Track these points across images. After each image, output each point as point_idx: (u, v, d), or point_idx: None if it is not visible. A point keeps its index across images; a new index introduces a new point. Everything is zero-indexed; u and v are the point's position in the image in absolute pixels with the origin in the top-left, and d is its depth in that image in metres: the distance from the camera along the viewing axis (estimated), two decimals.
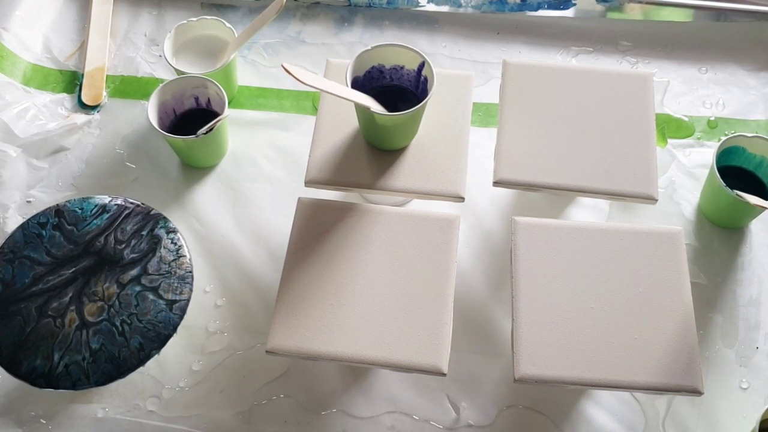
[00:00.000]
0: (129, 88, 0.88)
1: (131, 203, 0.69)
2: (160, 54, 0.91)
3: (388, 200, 0.76)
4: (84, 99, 0.87)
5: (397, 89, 0.69)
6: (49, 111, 0.86)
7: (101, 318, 0.63)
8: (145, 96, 0.87)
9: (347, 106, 0.70)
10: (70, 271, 0.65)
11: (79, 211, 0.69)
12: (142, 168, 0.82)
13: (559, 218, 0.77)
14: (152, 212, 0.69)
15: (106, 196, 0.70)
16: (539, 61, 0.88)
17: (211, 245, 0.77)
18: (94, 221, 0.68)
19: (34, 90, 0.87)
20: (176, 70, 0.81)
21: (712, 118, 0.85)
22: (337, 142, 0.69)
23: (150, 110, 0.76)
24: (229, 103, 0.82)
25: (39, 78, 0.89)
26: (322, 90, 0.60)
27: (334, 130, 0.69)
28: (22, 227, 0.68)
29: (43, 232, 0.67)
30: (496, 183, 0.68)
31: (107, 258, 0.66)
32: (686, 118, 0.85)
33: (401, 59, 0.67)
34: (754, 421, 0.62)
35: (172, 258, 0.66)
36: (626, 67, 0.89)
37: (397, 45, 0.66)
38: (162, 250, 0.67)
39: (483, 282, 0.75)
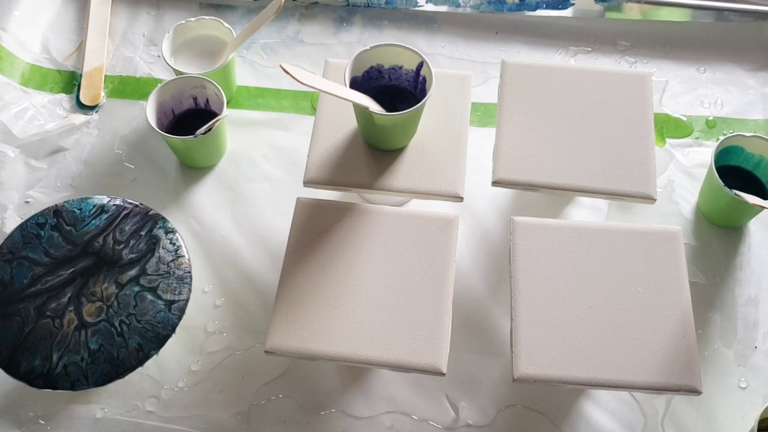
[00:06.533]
0: (127, 88, 0.88)
1: (130, 203, 0.69)
2: (158, 54, 0.91)
3: (387, 200, 0.76)
4: (82, 99, 0.87)
5: (396, 89, 0.69)
6: (47, 111, 0.86)
7: (100, 318, 0.63)
8: (144, 96, 0.87)
9: (346, 106, 0.70)
10: (69, 272, 0.65)
11: (78, 212, 0.69)
12: (141, 168, 0.82)
13: (557, 218, 0.77)
14: (151, 212, 0.69)
15: (105, 197, 0.70)
16: (538, 60, 0.88)
17: (209, 245, 0.77)
18: (93, 221, 0.68)
19: (32, 90, 0.87)
20: (175, 70, 0.81)
21: (711, 118, 0.85)
22: (336, 142, 0.69)
23: (148, 110, 0.76)
24: (227, 103, 0.82)
25: (37, 78, 0.89)
26: (320, 90, 0.60)
27: (332, 130, 0.69)
28: (21, 228, 0.68)
29: (42, 233, 0.67)
30: (495, 183, 0.68)
31: (106, 258, 0.66)
32: (685, 118, 0.85)
33: (400, 59, 0.67)
34: (753, 420, 0.63)
35: (171, 258, 0.66)
36: (625, 67, 0.89)
37: (395, 45, 0.66)
38: (161, 250, 0.67)
39: (482, 282, 0.75)
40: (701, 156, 0.82)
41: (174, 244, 0.67)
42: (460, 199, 0.66)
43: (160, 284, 0.65)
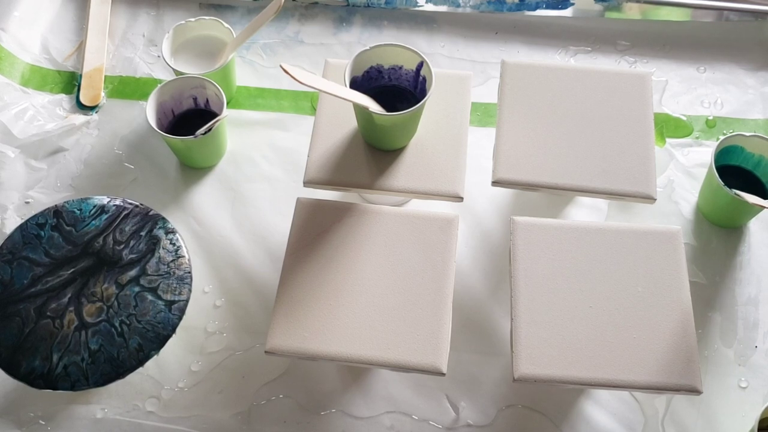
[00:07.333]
0: (127, 88, 0.88)
1: (130, 204, 0.69)
2: (158, 54, 0.91)
3: (387, 200, 0.76)
4: (82, 99, 0.87)
5: (396, 89, 0.69)
6: (47, 112, 0.86)
7: (100, 319, 0.63)
8: (144, 96, 0.87)
9: (346, 107, 0.70)
10: (69, 272, 0.65)
11: (78, 212, 0.69)
12: (141, 168, 0.82)
13: (557, 218, 0.77)
14: (151, 213, 0.69)
15: (105, 197, 0.70)
16: (538, 60, 0.88)
17: (209, 246, 0.77)
18: (93, 222, 0.68)
19: (32, 91, 0.87)
20: (174, 70, 0.81)
21: (711, 118, 0.85)
22: (336, 142, 0.69)
23: (148, 111, 0.76)
24: (227, 103, 0.82)
25: (37, 78, 0.89)
26: (320, 90, 0.60)
27: (332, 130, 0.69)
28: (21, 228, 0.68)
29: (42, 233, 0.67)
30: (495, 183, 0.68)
31: (106, 259, 0.66)
32: (684, 118, 0.85)
33: (400, 59, 0.67)
34: (753, 419, 0.63)
35: (171, 258, 0.66)
36: (624, 67, 0.89)
37: (395, 45, 0.66)
38: (161, 250, 0.67)
39: (482, 282, 0.75)
40: (701, 156, 0.82)
41: (174, 245, 0.67)
42: (460, 199, 0.66)
43: (160, 284, 0.65)
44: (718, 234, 0.77)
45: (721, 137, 0.75)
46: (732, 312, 0.72)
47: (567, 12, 0.92)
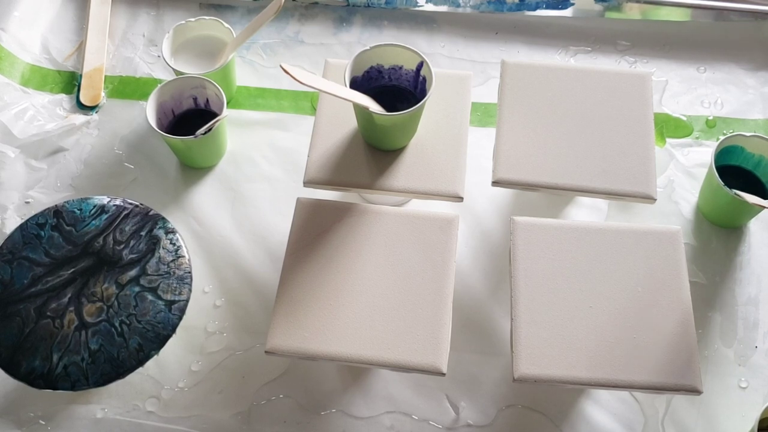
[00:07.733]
0: (127, 88, 0.88)
1: (130, 204, 0.69)
2: (158, 54, 0.91)
3: (387, 200, 0.76)
4: (82, 99, 0.87)
5: (396, 89, 0.69)
6: (47, 111, 0.86)
7: (100, 319, 0.63)
8: (144, 96, 0.87)
9: (346, 107, 0.70)
10: (69, 272, 0.65)
11: (78, 212, 0.69)
12: (141, 168, 0.82)
13: (557, 218, 0.77)
14: (151, 213, 0.69)
15: (105, 197, 0.70)
16: (538, 60, 0.88)
17: (210, 246, 0.77)
18: (93, 222, 0.68)
19: (32, 91, 0.87)
20: (175, 70, 0.81)
21: (711, 118, 0.85)
22: (336, 142, 0.69)
23: (148, 111, 0.76)
24: (227, 103, 0.82)
25: (37, 78, 0.89)
26: (320, 90, 0.60)
27: (332, 130, 0.69)
28: (21, 228, 0.68)
29: (42, 233, 0.67)
30: (495, 183, 0.68)
31: (106, 259, 0.66)
32: (684, 118, 0.85)
33: (400, 59, 0.67)
34: (753, 420, 0.63)
35: (171, 258, 0.66)
36: (624, 67, 0.89)
37: (395, 45, 0.66)
38: (161, 250, 0.67)
39: (482, 282, 0.75)
40: (701, 156, 0.82)
41: (174, 245, 0.67)
42: (460, 199, 0.66)
43: (160, 284, 0.65)
44: (718, 234, 0.77)
45: (721, 137, 0.75)
46: (732, 312, 0.72)
47: (567, 12, 0.92)
